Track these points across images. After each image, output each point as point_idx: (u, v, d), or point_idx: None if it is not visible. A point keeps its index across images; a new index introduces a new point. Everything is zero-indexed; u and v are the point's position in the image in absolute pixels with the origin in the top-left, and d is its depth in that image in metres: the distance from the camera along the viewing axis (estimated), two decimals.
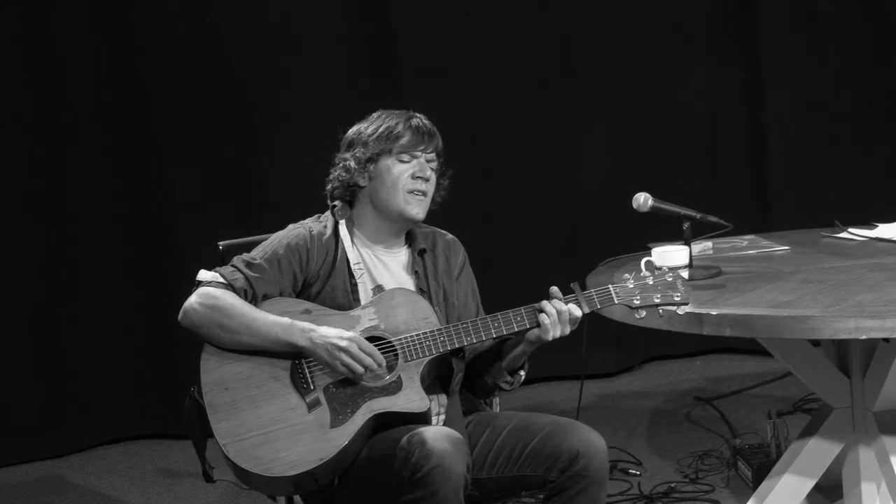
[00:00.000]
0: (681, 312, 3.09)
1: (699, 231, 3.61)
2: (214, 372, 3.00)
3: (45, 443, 5.17)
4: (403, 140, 3.14)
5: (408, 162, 3.15)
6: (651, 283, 3.07)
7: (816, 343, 3.72)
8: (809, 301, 3.24)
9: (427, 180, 3.15)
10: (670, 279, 3.08)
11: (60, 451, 5.18)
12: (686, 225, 3.52)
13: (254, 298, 3.05)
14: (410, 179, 3.14)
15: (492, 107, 5.53)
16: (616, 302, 3.06)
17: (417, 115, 3.21)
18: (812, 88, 5.77)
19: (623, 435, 4.87)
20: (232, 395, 2.98)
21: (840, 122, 5.79)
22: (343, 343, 2.96)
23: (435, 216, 3.25)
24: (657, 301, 3.06)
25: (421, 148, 3.15)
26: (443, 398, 3.11)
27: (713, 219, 3.52)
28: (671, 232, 3.74)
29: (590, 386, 5.43)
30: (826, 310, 3.15)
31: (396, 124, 3.15)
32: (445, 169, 3.23)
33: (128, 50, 5.18)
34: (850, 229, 4.04)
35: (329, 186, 3.21)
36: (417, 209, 3.14)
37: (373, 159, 3.14)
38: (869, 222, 4.10)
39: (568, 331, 3.03)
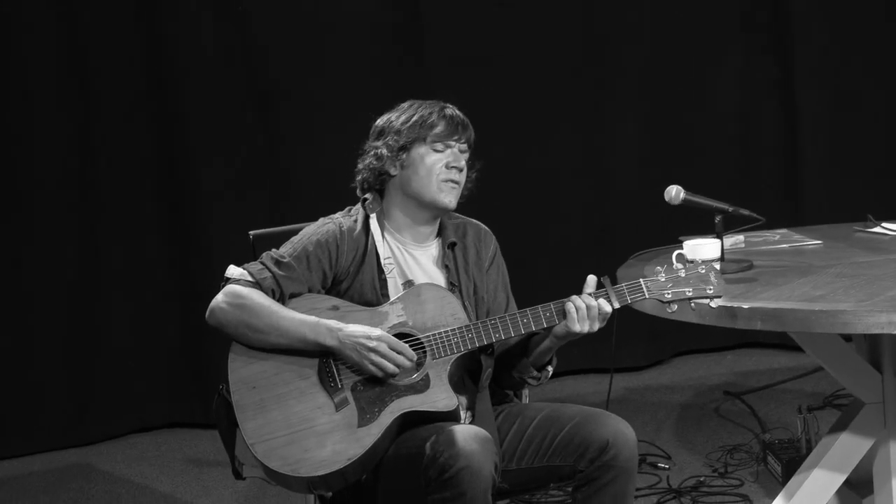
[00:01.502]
0: (713, 305, 3.07)
1: (731, 224, 3.59)
2: (242, 371, 3.00)
3: (74, 431, 5.20)
4: (438, 129, 3.12)
5: (442, 151, 3.12)
6: (683, 276, 3.03)
7: (848, 338, 3.70)
8: (842, 295, 3.21)
9: (460, 170, 3.13)
10: (703, 271, 3.04)
11: (90, 439, 5.21)
12: (718, 218, 3.49)
13: (281, 297, 3.03)
14: (445, 169, 3.11)
15: (522, 99, 5.51)
16: (647, 296, 3.03)
17: (450, 105, 3.18)
18: (844, 83, 5.73)
19: (652, 428, 4.86)
20: (259, 394, 2.97)
21: (872, 117, 5.75)
22: (372, 343, 2.95)
23: (464, 210, 3.24)
24: (689, 295, 3.03)
25: (455, 137, 3.13)
26: (472, 394, 3.09)
27: (745, 212, 3.50)
28: (702, 226, 3.72)
29: (619, 379, 5.42)
30: (859, 304, 3.12)
31: (430, 113, 3.13)
32: (474, 162, 3.21)
33: (159, 40, 5.19)
34: (884, 224, 4.01)
35: (359, 177, 3.19)
36: (450, 197, 3.12)
37: (405, 147, 3.12)
38: None
39: (597, 327, 3.00)
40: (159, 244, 5.29)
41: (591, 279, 3.02)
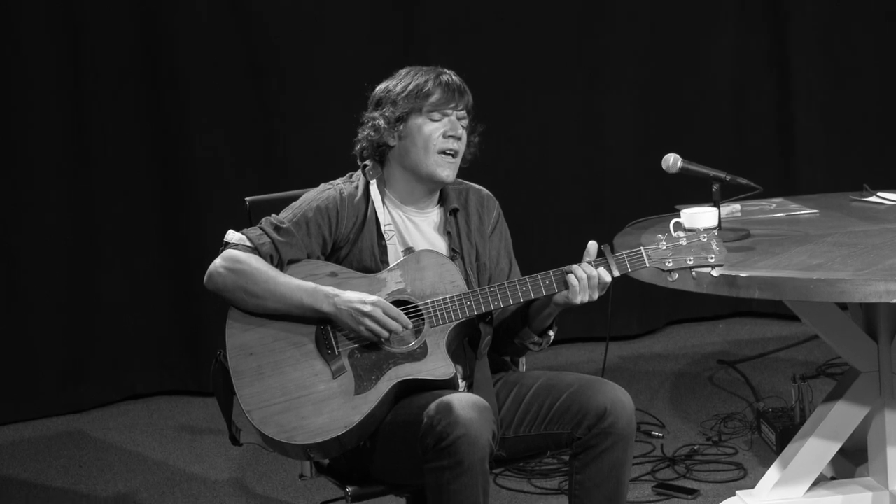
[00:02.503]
0: (715, 274, 3.05)
1: (728, 193, 3.58)
2: (239, 337, 2.98)
3: (66, 397, 5.18)
4: (434, 98, 3.08)
5: (438, 120, 3.09)
6: (684, 244, 3.01)
7: (844, 307, 3.70)
8: (840, 264, 3.22)
9: (458, 139, 3.10)
10: (704, 240, 3.02)
11: (82, 406, 5.19)
12: (715, 186, 3.49)
13: (280, 263, 3.02)
14: (442, 139, 3.08)
15: (520, 68, 5.48)
16: (647, 265, 3.01)
17: (447, 71, 3.14)
18: (838, 54, 5.72)
19: (646, 397, 4.87)
20: (256, 360, 2.96)
21: (868, 88, 5.74)
22: (367, 308, 2.93)
23: (462, 177, 3.21)
24: (690, 263, 3.00)
25: (452, 105, 3.09)
26: (470, 362, 3.08)
27: (743, 180, 3.49)
28: (699, 194, 3.71)
29: (612, 348, 5.40)
30: (857, 273, 3.13)
31: (426, 81, 3.10)
32: (476, 125, 3.18)
33: (154, 9, 5.14)
34: (880, 193, 4.01)
35: (358, 146, 3.16)
36: (448, 171, 3.09)
37: (402, 118, 3.09)
38: None
39: (596, 296, 2.99)
40: (153, 211, 5.26)
41: (592, 246, 3.00)
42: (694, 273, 3.04)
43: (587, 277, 2.97)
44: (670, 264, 3.01)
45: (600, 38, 5.55)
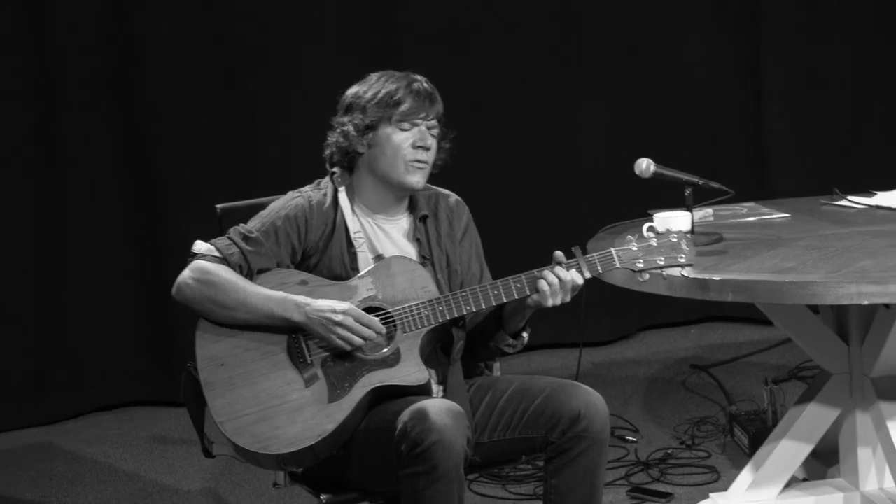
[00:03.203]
0: (685, 274, 3.06)
1: (700, 198, 3.59)
2: (209, 348, 2.97)
3: (36, 409, 5.13)
4: (404, 107, 3.07)
5: (408, 130, 3.08)
6: (655, 244, 3.02)
7: (815, 310, 3.72)
8: (811, 267, 3.23)
9: (427, 149, 3.09)
10: (675, 240, 3.03)
11: (52, 418, 5.15)
12: (688, 191, 3.49)
13: (249, 273, 3.00)
14: (411, 149, 3.07)
15: (494, 72, 5.48)
16: (618, 266, 3.01)
17: (418, 78, 3.12)
18: (812, 58, 5.75)
19: (619, 402, 4.87)
20: (228, 371, 2.94)
21: (839, 91, 5.78)
22: (338, 317, 2.92)
23: (435, 182, 3.20)
24: (661, 263, 3.01)
25: (422, 115, 3.08)
26: (444, 368, 3.07)
27: (715, 185, 3.50)
28: (672, 199, 3.71)
29: (585, 354, 5.40)
30: (828, 276, 3.14)
31: (397, 89, 3.08)
32: (446, 132, 3.16)
33: (123, 11, 5.12)
34: (850, 197, 4.03)
35: (327, 151, 3.15)
36: (418, 177, 3.08)
37: (372, 126, 3.07)
38: (867, 190, 4.09)
39: (569, 298, 2.99)
40: (123, 220, 5.23)
41: (559, 255, 3.00)
42: (665, 273, 3.04)
43: (559, 281, 2.96)
44: (641, 265, 3.02)
45: (576, 43, 5.56)
